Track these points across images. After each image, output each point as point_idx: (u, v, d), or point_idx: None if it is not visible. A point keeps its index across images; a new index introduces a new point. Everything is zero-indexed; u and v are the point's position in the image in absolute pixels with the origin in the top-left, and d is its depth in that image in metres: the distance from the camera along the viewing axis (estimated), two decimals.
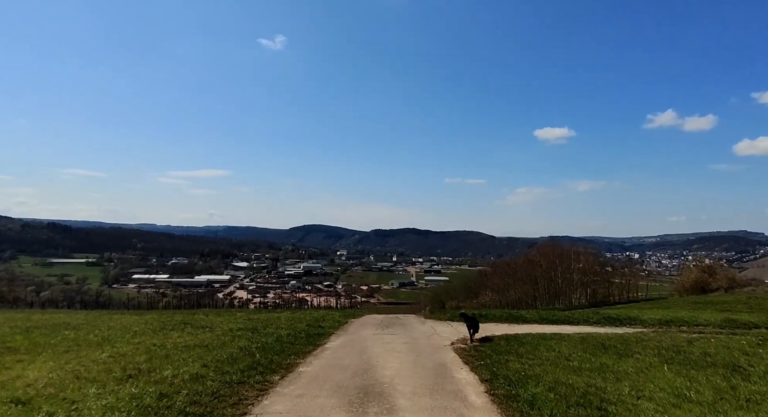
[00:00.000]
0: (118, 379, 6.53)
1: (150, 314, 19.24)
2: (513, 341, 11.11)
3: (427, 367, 8.44)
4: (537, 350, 9.89)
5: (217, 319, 16.04)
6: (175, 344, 9.67)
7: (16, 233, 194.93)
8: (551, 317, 16.74)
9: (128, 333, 11.76)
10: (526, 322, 16.33)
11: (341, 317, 18.03)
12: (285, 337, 11.23)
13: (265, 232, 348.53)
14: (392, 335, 12.97)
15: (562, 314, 17.20)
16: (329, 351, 10.06)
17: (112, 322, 14.79)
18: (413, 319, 18.32)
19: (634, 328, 15.52)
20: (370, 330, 14.27)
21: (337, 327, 14.70)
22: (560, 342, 10.96)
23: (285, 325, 13.96)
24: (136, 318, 16.81)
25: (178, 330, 12.46)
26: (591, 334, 12.46)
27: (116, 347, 9.23)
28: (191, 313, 19.18)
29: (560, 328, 15.03)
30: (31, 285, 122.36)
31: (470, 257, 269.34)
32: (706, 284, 51.06)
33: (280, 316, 17.27)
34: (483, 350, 10.03)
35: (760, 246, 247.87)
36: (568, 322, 16.30)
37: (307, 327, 13.77)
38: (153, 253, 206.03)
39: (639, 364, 8.68)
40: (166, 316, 17.77)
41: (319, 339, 11.69)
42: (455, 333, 13.44)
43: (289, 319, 16.04)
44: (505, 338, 11.73)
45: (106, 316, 17.64)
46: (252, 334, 11.71)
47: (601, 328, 15.41)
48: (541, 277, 58.13)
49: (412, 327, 15.33)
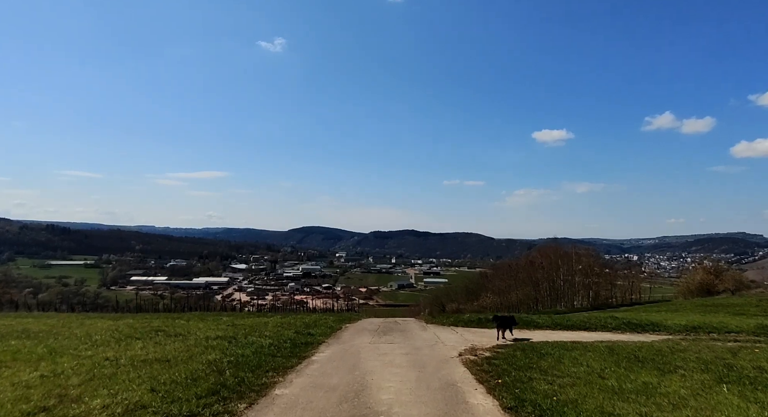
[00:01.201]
0: (26, 413, 4.98)
1: (127, 318, 17.63)
2: (531, 352, 9.58)
3: (434, 388, 6.89)
4: (562, 364, 8.36)
5: (197, 325, 14.46)
6: (132, 358, 8.12)
7: (14, 235, 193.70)
8: (565, 322, 15.23)
9: (86, 343, 10.19)
10: (539, 328, 14.83)
11: (335, 322, 16.49)
12: (266, 348, 9.71)
13: (263, 233, 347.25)
14: (390, 344, 11.42)
15: (577, 319, 15.69)
16: (315, 365, 8.48)
17: (79, 328, 13.22)
18: (413, 325, 16.76)
19: (659, 334, 14.00)
20: (366, 337, 12.73)
21: (329, 334, 13.16)
22: (585, 353, 9.45)
23: (270, 332, 12.43)
24: (110, 323, 15.24)
25: (146, 339, 10.89)
26: (616, 343, 10.93)
27: (58, 363, 7.68)
28: (173, 318, 17.58)
29: (577, 334, 13.52)
30: (28, 287, 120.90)
31: (469, 259, 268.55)
32: (712, 286, 49.75)
33: (268, 322, 15.73)
34: (498, 364, 8.49)
35: (758, 248, 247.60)
36: (585, 328, 14.77)
37: (294, 334, 12.23)
38: (151, 255, 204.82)
39: (689, 382, 7.16)
40: (144, 320, 16.19)
41: (306, 350, 10.18)
42: (461, 341, 11.92)
43: (276, 325, 14.51)
44: (521, 348, 10.20)
45: (78, 321, 16.04)
46: (229, 344, 10.17)
47: (623, 335, 13.89)
48: (542, 278, 56.65)
49: (412, 334, 13.79)
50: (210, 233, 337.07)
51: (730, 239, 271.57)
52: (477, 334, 13.48)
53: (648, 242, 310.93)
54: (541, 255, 62.05)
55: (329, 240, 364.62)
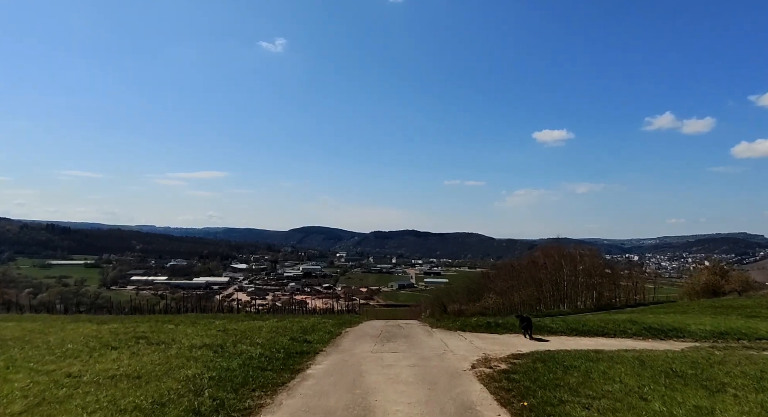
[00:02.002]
0: None
1: (114, 322, 16.55)
2: (552, 364, 8.51)
3: (449, 413, 5.83)
4: (592, 380, 7.30)
5: (186, 330, 13.37)
6: (98, 374, 7.06)
7: (14, 234, 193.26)
8: (581, 327, 14.08)
9: (54, 353, 9.11)
10: (553, 333, 13.72)
11: (334, 326, 15.39)
12: (256, 360, 8.65)
13: (264, 233, 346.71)
14: (394, 353, 10.34)
15: (593, 324, 14.57)
16: (310, 382, 7.41)
17: (57, 334, 12.14)
18: (418, 329, 15.67)
19: (684, 341, 12.94)
20: (368, 345, 11.65)
21: (328, 341, 12.09)
22: (614, 365, 8.39)
23: (263, 339, 11.35)
24: (94, 328, 14.17)
25: (124, 347, 9.80)
26: (643, 353, 9.85)
27: (10, 381, 6.58)
28: (163, 321, 16.49)
29: (596, 341, 12.45)
30: (28, 287, 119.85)
31: (469, 259, 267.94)
32: (718, 287, 48.78)
33: (262, 326, 14.61)
34: (518, 380, 7.42)
35: (759, 248, 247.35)
36: (603, 333, 13.64)
37: (289, 342, 11.16)
38: (152, 255, 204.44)
39: (747, 407, 6.09)
40: (131, 324, 15.11)
41: (301, 361, 9.11)
42: (472, 349, 10.83)
43: (271, 331, 13.41)
44: (540, 358, 9.12)
45: (60, 325, 14.98)
46: (214, 354, 9.10)
47: (645, 341, 12.83)
48: (545, 279, 55.61)
49: (417, 340, 12.72)
50: (210, 233, 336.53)
51: (730, 239, 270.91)
52: (487, 341, 12.42)
53: (649, 242, 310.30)
54: (544, 255, 61.06)
55: (330, 240, 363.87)
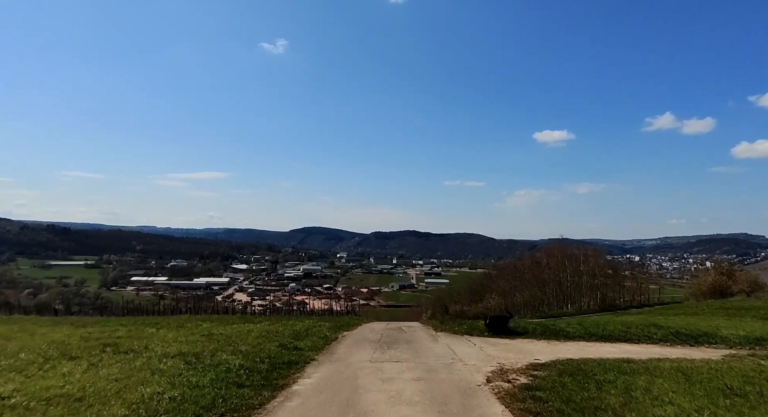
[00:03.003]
0: None
1: (92, 325, 15.26)
2: (582, 377, 7.22)
3: None
4: (634, 399, 6.02)
5: (166, 335, 12.13)
6: (35, 394, 5.78)
7: (14, 235, 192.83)
8: (600, 332, 12.82)
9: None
10: (570, 338, 12.46)
11: (330, 330, 14.13)
12: (234, 372, 7.41)
13: (264, 234, 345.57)
14: (396, 363, 9.07)
15: (614, 327, 13.28)
16: (295, 403, 6.11)
17: (18, 341, 10.89)
18: (421, 333, 14.38)
19: (717, 348, 11.61)
20: (366, 352, 10.39)
21: (321, 347, 10.85)
22: (654, 379, 7.11)
23: (249, 346, 10.11)
24: (66, 332, 12.94)
25: (84, 358, 8.56)
26: (682, 363, 8.53)
27: None
28: (145, 324, 15.24)
29: (620, 348, 11.15)
30: (28, 287, 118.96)
31: (470, 259, 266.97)
32: (725, 287, 47.54)
33: (252, 330, 13.37)
34: (546, 399, 6.13)
35: (761, 248, 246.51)
36: (626, 339, 12.35)
37: (278, 349, 9.91)
38: (152, 256, 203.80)
39: None
40: (108, 328, 13.86)
41: (288, 373, 7.86)
42: (484, 358, 9.55)
43: (259, 336, 12.16)
44: (566, 370, 7.79)
45: (30, 330, 13.72)
46: (186, 365, 7.86)
47: (674, 348, 11.51)
48: (549, 279, 54.33)
49: (421, 346, 11.45)
50: (211, 234, 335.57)
51: (732, 240, 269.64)
52: (499, 347, 11.17)
53: (649, 243, 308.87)
54: (547, 255, 59.90)
55: (330, 240, 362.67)
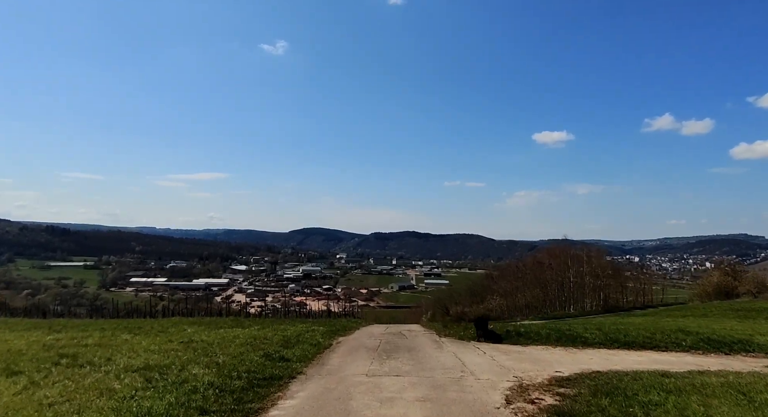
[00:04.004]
0: None
1: (65, 331, 14.04)
2: (620, 398, 5.99)
3: None
4: None
5: (140, 342, 11.04)
6: None
7: (13, 236, 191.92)
8: (623, 338, 11.65)
9: None
10: (588, 345, 11.32)
11: (324, 336, 13.00)
12: (200, 392, 6.29)
13: (264, 235, 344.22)
14: (397, 377, 7.94)
15: (637, 333, 11.94)
16: None
17: None
18: (423, 339, 13.27)
19: (757, 357, 10.37)
20: (362, 363, 9.26)
21: (312, 357, 9.73)
22: (708, 400, 5.83)
23: (228, 356, 8.97)
24: (30, 339, 12.07)
25: (28, 373, 7.57)
26: (731, 377, 7.26)
27: None
28: (120, 330, 14.10)
29: (648, 357, 10.02)
30: (27, 288, 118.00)
31: (470, 260, 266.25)
32: (731, 288, 46.54)
33: (238, 336, 12.28)
34: None
35: (760, 249, 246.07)
36: (652, 346, 11.22)
37: (262, 359, 8.82)
38: (152, 256, 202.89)
39: None
40: (79, 334, 12.78)
41: (267, 393, 6.68)
42: (497, 370, 8.41)
43: (245, 342, 11.07)
44: (599, 388, 6.64)
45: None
46: (146, 383, 6.77)
47: (707, 357, 10.38)
48: (551, 280, 53.33)
49: (425, 355, 10.31)
50: (210, 234, 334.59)
51: (731, 241, 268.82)
52: (512, 357, 9.97)
53: (649, 243, 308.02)
54: (550, 255, 59.03)
55: (330, 241, 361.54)
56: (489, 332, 12.62)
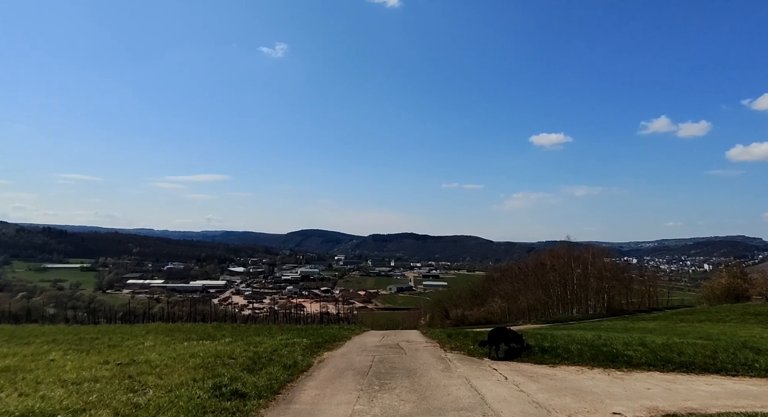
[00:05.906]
0: None
1: (9, 345, 12.38)
2: None
3: None
4: None
5: (62, 369, 8.87)
6: None
7: (10, 238, 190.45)
8: (676, 357, 9.39)
9: None
10: (634, 367, 8.98)
11: (306, 352, 11.03)
12: None
13: (262, 237, 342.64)
14: None
15: (691, 350, 9.94)
16: None
17: None
18: (425, 355, 11.25)
19: None
20: (345, 396, 6.97)
21: (280, 386, 7.42)
22: None
23: (164, 390, 6.71)
24: None
25: None
26: None
27: None
28: (77, 340, 12.43)
29: (724, 387, 7.40)
30: (22, 291, 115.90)
31: (468, 262, 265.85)
32: (741, 291, 45.19)
33: (197, 354, 10.19)
34: None
35: (758, 251, 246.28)
36: (716, 369, 8.74)
37: (206, 396, 6.31)
38: (149, 258, 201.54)
39: None
40: (8, 351, 11.27)
41: None
42: (532, 409, 6.14)
43: (201, 364, 8.88)
44: None
45: None
46: None
47: None
48: (554, 282, 51.82)
49: (428, 381, 7.94)
50: (208, 236, 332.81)
51: (729, 242, 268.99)
52: (545, 385, 7.55)
53: (647, 245, 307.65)
54: (552, 256, 57.62)
55: (328, 243, 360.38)
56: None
